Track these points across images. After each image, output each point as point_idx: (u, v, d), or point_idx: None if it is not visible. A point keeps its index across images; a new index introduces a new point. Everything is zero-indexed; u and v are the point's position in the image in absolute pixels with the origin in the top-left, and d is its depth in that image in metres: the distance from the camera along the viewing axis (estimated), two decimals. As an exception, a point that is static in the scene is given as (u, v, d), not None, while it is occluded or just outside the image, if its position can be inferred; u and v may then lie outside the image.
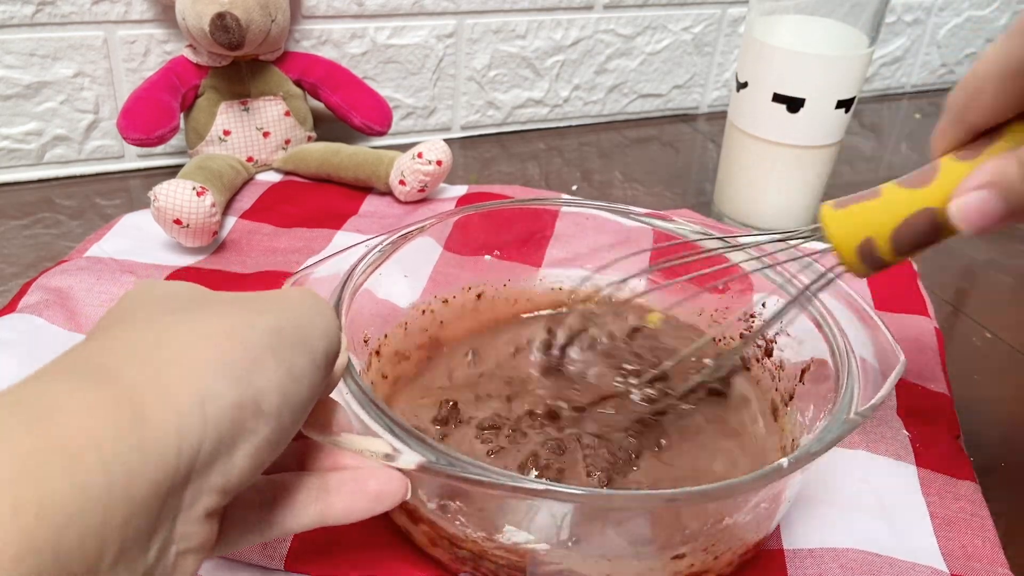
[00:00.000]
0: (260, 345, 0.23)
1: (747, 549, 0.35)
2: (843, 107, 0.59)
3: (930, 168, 0.32)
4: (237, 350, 0.23)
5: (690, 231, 0.45)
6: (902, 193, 0.32)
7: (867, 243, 0.32)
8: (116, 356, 0.22)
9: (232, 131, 0.64)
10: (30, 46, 0.62)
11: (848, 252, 0.33)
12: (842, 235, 0.33)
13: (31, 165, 0.65)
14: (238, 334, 0.23)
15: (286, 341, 0.24)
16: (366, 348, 0.41)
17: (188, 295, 0.26)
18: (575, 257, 0.49)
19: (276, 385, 0.23)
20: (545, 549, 0.32)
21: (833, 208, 0.33)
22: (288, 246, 0.57)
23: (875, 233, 0.32)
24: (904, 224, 0.31)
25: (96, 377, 0.21)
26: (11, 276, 0.54)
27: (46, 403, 0.19)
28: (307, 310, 0.26)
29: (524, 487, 0.29)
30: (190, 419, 0.21)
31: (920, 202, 0.31)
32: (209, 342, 0.23)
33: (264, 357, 0.23)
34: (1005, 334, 0.55)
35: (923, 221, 0.31)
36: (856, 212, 0.33)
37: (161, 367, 0.21)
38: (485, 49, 0.76)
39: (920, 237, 0.32)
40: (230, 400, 0.22)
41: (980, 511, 0.40)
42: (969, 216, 0.29)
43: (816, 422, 0.37)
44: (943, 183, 0.31)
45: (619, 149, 0.80)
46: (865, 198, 0.33)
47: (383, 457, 0.29)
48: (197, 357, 0.22)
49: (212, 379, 0.22)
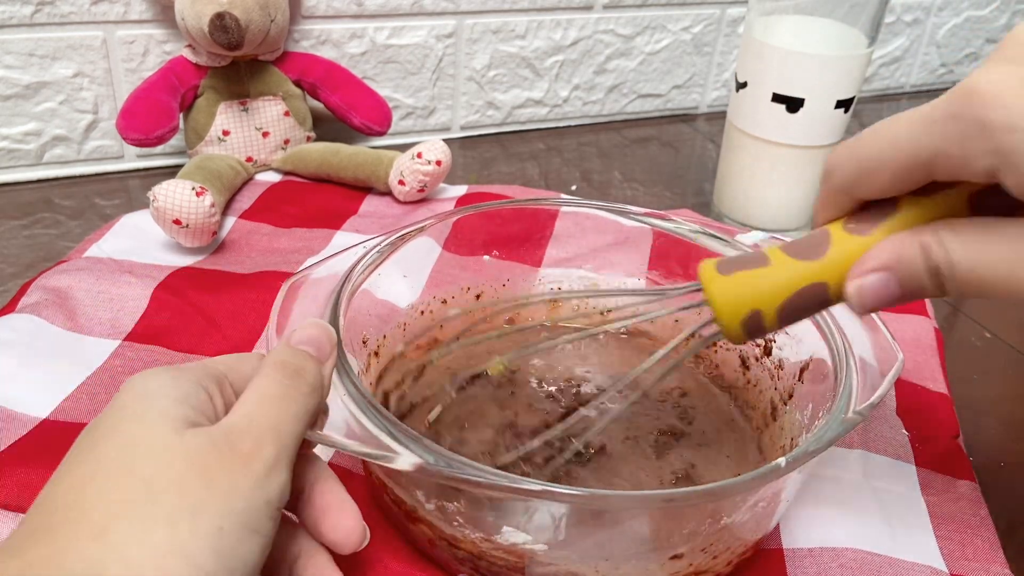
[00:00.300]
0: (203, 553, 0.24)
1: (746, 549, 0.35)
2: (842, 107, 0.59)
3: (820, 236, 0.30)
4: (181, 567, 0.24)
5: (689, 231, 0.45)
6: (793, 264, 0.30)
7: (753, 315, 0.31)
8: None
9: (231, 131, 0.64)
10: (29, 46, 0.62)
11: (732, 323, 0.31)
12: (728, 306, 0.31)
13: (30, 165, 0.65)
14: (182, 548, 0.24)
15: (229, 538, 0.25)
16: (364, 349, 0.41)
17: (145, 453, 0.26)
18: (575, 257, 0.49)
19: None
20: (543, 550, 0.32)
21: (716, 271, 0.31)
22: (288, 246, 0.57)
23: (763, 305, 0.30)
24: (794, 296, 0.30)
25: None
26: (11, 276, 0.54)
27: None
28: (254, 488, 0.26)
29: (521, 488, 0.29)
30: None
31: (812, 276, 0.30)
32: (153, 563, 0.24)
33: (207, 565, 0.24)
34: (1005, 334, 0.55)
35: (813, 294, 0.30)
36: (743, 281, 0.31)
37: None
38: (485, 49, 0.76)
39: (807, 309, 0.31)
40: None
41: (980, 511, 0.40)
42: (866, 299, 0.28)
43: (815, 421, 0.37)
44: (836, 258, 0.29)
45: (619, 149, 0.80)
46: (751, 264, 0.31)
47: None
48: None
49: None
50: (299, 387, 0.30)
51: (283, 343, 0.32)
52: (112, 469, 0.26)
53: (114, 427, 0.27)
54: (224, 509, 0.25)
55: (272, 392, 0.29)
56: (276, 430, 0.28)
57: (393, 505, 0.35)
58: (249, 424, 0.28)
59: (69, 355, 0.44)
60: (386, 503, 0.36)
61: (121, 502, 0.25)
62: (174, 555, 0.24)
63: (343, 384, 0.32)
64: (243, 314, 0.49)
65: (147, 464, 0.26)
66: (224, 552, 0.25)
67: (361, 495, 0.38)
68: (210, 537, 0.25)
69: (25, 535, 0.25)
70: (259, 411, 0.28)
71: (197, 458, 0.26)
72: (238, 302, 0.49)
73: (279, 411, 0.28)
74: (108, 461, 0.26)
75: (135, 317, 0.48)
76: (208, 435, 0.27)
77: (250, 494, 0.26)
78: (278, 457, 0.27)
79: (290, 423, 0.28)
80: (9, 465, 0.37)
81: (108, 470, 0.26)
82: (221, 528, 0.25)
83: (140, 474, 0.25)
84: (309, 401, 0.30)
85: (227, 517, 0.25)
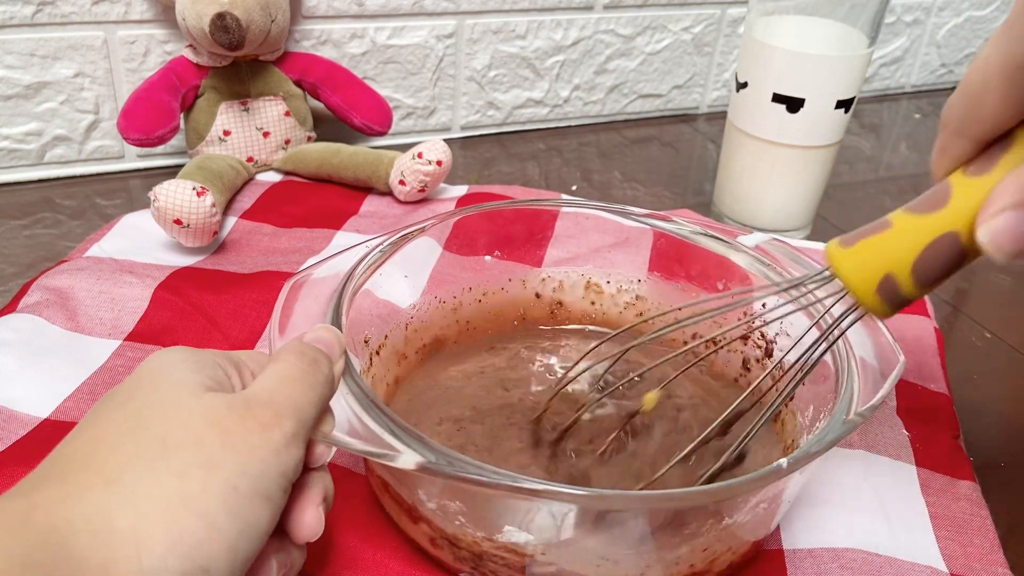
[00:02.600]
0: (215, 508, 0.24)
1: (747, 549, 0.35)
2: (843, 107, 0.59)
3: (940, 190, 0.29)
4: (191, 519, 0.24)
5: (689, 231, 0.45)
6: (916, 220, 0.29)
7: (887, 280, 0.29)
8: (72, 518, 0.23)
9: (232, 131, 0.64)
10: (30, 46, 0.62)
11: (867, 294, 0.30)
12: (858, 276, 0.30)
13: (31, 165, 0.65)
14: (194, 500, 0.24)
15: (242, 498, 0.25)
16: (367, 348, 0.41)
17: (162, 413, 0.26)
18: (575, 257, 0.50)
19: (227, 547, 0.24)
20: (544, 549, 0.32)
21: (841, 246, 0.30)
22: (288, 246, 0.57)
23: (894, 268, 0.29)
24: (925, 253, 0.28)
25: (45, 548, 0.22)
26: (11, 276, 0.54)
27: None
28: (269, 455, 0.26)
29: (523, 487, 0.29)
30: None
31: (939, 227, 0.28)
32: (163, 513, 0.23)
33: (219, 520, 0.24)
34: (1005, 334, 0.55)
35: (946, 248, 0.28)
36: (868, 247, 0.30)
37: (112, 542, 0.22)
38: (485, 49, 0.76)
39: (945, 266, 0.29)
40: (175, 573, 0.23)
41: (980, 511, 0.40)
42: (1001, 241, 0.26)
43: (816, 422, 0.37)
44: (960, 203, 0.28)
45: (619, 149, 0.80)
46: (874, 231, 0.30)
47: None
48: (148, 532, 0.23)
49: (160, 555, 0.23)
50: (316, 375, 0.30)
51: (296, 340, 0.32)
52: (127, 428, 0.26)
53: (130, 394, 0.27)
54: (239, 469, 0.25)
55: (293, 374, 0.29)
56: (296, 407, 0.28)
57: (394, 504, 0.35)
58: (271, 397, 0.28)
59: (70, 355, 0.44)
60: (387, 502, 0.36)
61: (134, 455, 0.25)
62: (184, 506, 0.24)
63: (346, 383, 0.32)
64: (244, 314, 0.49)
65: (163, 422, 0.26)
66: (236, 511, 0.25)
67: (361, 495, 0.38)
68: (224, 494, 0.24)
69: (34, 481, 0.25)
70: (280, 388, 0.28)
71: (215, 417, 0.26)
72: (239, 302, 0.49)
73: (300, 391, 0.28)
74: (124, 421, 0.26)
75: (136, 317, 0.48)
76: (227, 399, 0.27)
77: (266, 461, 0.26)
78: (296, 433, 0.27)
79: (308, 406, 0.28)
80: (9, 465, 0.37)
81: (122, 429, 0.26)
82: (236, 487, 0.25)
83: (155, 431, 0.25)
84: (324, 391, 0.30)
85: (242, 478, 0.25)
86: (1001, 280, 0.62)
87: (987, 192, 0.27)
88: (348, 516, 0.37)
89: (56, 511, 0.23)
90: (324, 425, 0.30)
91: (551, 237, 0.50)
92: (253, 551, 0.25)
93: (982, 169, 0.28)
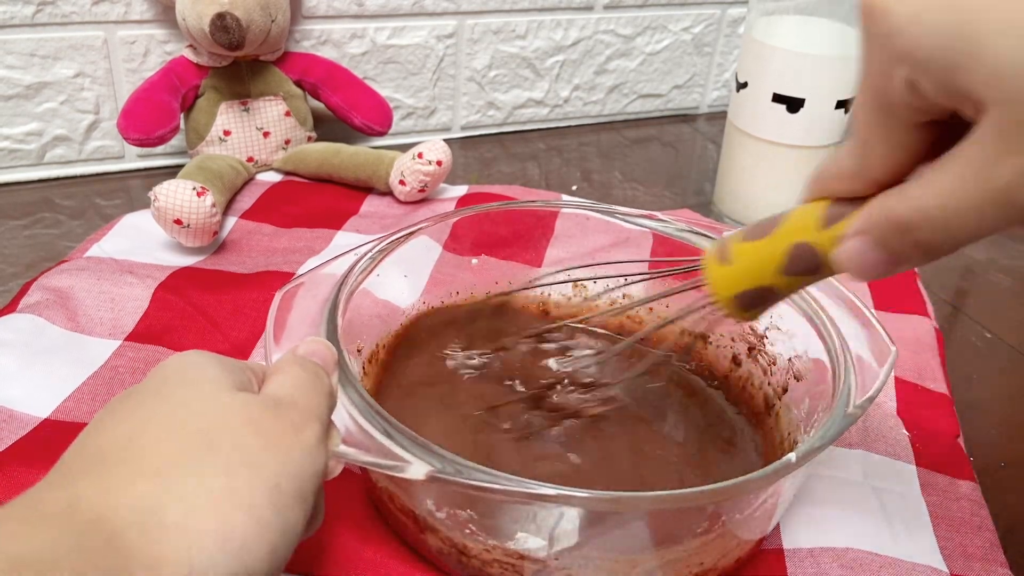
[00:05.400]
0: (261, 506, 0.24)
1: (747, 548, 0.35)
2: (843, 107, 0.59)
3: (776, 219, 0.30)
4: (239, 515, 0.23)
5: (690, 232, 0.45)
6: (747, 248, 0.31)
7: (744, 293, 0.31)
8: (119, 509, 0.22)
9: (232, 131, 0.64)
10: (30, 46, 0.62)
11: (727, 303, 0.32)
12: (719, 285, 0.32)
13: (31, 165, 0.65)
14: (241, 497, 0.24)
15: (285, 496, 0.25)
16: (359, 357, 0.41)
17: (200, 409, 0.26)
18: (574, 257, 0.49)
19: (269, 548, 0.24)
20: (544, 550, 0.32)
21: (717, 260, 0.32)
22: (288, 246, 0.57)
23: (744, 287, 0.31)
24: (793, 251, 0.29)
25: (94, 536, 0.21)
26: (11, 276, 0.54)
27: (47, 560, 0.20)
28: (304, 456, 0.26)
29: (532, 492, 0.28)
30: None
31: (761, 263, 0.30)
32: (213, 509, 0.23)
33: (265, 517, 0.24)
34: (1005, 334, 0.55)
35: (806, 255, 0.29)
36: (728, 270, 0.32)
37: (161, 536, 0.22)
38: (485, 49, 0.76)
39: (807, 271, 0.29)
40: (223, 572, 0.22)
41: (980, 511, 0.40)
42: (852, 265, 0.27)
43: (812, 417, 0.37)
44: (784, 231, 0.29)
45: (619, 149, 0.81)
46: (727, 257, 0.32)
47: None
48: (199, 528, 0.22)
49: (210, 552, 0.22)
50: (320, 387, 0.29)
51: (290, 353, 0.31)
52: (165, 423, 0.25)
53: (157, 391, 0.27)
54: (280, 469, 0.25)
55: (303, 382, 0.29)
56: (317, 412, 0.28)
57: (400, 514, 0.35)
58: (294, 401, 0.28)
59: (70, 355, 0.44)
60: (391, 511, 0.36)
61: (177, 451, 0.24)
62: (232, 501, 0.23)
63: (345, 393, 0.32)
64: (244, 314, 0.49)
65: (202, 419, 0.25)
66: (281, 509, 0.24)
67: (361, 495, 0.38)
68: (269, 492, 0.24)
69: (68, 474, 0.24)
70: (299, 393, 0.28)
71: (252, 416, 0.26)
72: (239, 302, 0.49)
73: (315, 397, 0.29)
74: (159, 417, 0.25)
75: (136, 317, 0.48)
76: (260, 399, 0.27)
77: (301, 461, 0.26)
78: (321, 436, 0.27)
79: (325, 412, 0.29)
80: (9, 465, 0.37)
81: (160, 425, 0.25)
82: (279, 485, 0.25)
83: (195, 427, 0.25)
84: (329, 402, 0.30)
85: (283, 477, 0.25)
86: (1001, 280, 0.62)
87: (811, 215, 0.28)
88: (348, 516, 0.37)
89: (103, 501, 0.22)
90: (331, 440, 0.29)
91: (551, 237, 0.50)
92: (287, 554, 0.25)
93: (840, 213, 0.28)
